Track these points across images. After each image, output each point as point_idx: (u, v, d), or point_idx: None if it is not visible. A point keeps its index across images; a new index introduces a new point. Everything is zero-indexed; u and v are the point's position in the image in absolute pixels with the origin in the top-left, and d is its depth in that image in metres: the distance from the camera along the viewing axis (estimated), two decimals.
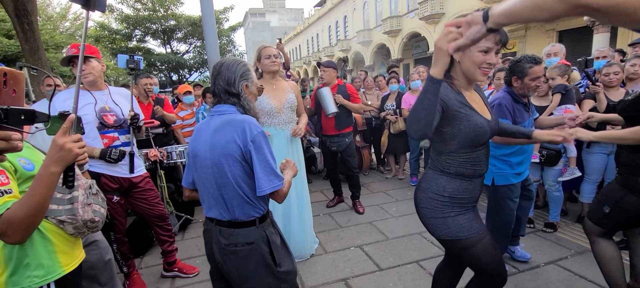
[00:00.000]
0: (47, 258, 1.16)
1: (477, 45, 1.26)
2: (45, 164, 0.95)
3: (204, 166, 1.33)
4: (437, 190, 1.44)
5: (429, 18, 18.32)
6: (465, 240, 1.40)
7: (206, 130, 1.36)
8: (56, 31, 18.25)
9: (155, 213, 2.57)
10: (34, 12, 6.36)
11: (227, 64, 1.38)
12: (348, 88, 3.90)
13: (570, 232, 3.08)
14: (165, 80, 19.21)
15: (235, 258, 1.33)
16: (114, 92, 2.35)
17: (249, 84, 1.42)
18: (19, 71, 0.84)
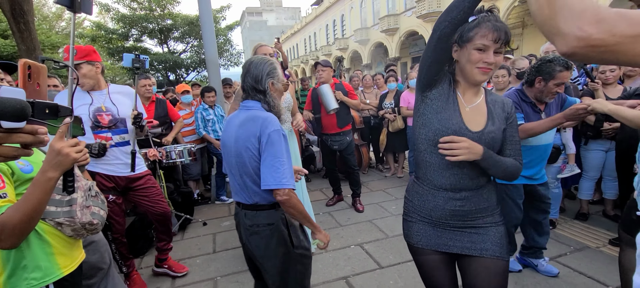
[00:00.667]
0: (45, 260, 1.14)
1: (473, 42, 1.18)
2: (43, 169, 0.94)
3: (230, 155, 1.46)
4: (408, 189, 1.44)
5: (426, 16, 18.34)
6: (410, 246, 1.40)
7: (234, 123, 1.47)
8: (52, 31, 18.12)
9: (158, 210, 2.54)
10: (30, 11, 6.31)
11: (255, 63, 1.47)
12: (345, 86, 3.95)
13: (569, 228, 3.10)
14: (162, 79, 19.12)
15: (258, 238, 1.45)
16: (114, 91, 2.32)
17: (275, 82, 1.50)
18: (42, 65, 0.84)
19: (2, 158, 0.68)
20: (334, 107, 3.53)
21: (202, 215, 4.03)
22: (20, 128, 0.66)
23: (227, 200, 4.48)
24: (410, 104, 4.49)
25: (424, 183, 1.33)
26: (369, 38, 25.87)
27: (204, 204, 4.47)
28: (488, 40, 1.16)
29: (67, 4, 1.20)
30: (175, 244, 3.29)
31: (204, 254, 3.07)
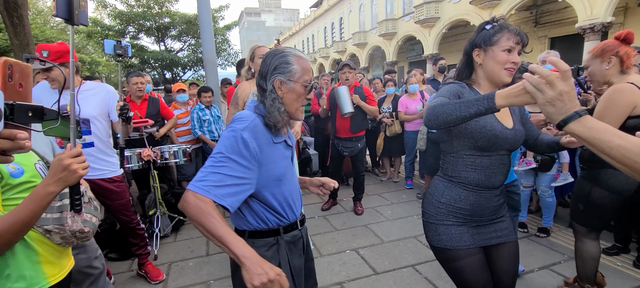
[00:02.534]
0: (31, 269, 1.08)
1: (499, 45, 1.28)
2: (45, 182, 0.91)
3: None
4: (435, 195, 1.42)
5: (424, 22, 18.44)
6: (451, 251, 1.36)
7: None
8: (47, 26, 17.91)
9: (122, 219, 2.49)
10: (24, 5, 6.22)
11: (269, 55, 1.18)
12: (365, 90, 3.84)
13: (563, 237, 3.12)
14: (158, 78, 18.98)
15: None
16: (85, 89, 2.21)
17: (284, 80, 1.14)
18: (26, 64, 0.78)
19: None
20: (349, 110, 3.42)
21: None
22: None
23: None
24: (409, 108, 4.49)
25: (463, 186, 1.36)
26: (366, 41, 25.95)
27: None
28: (513, 42, 1.28)
29: (66, 17, 1.18)
30: (168, 246, 3.25)
31: (196, 257, 3.03)
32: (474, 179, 1.34)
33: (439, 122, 1.16)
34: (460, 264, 1.35)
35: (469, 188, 1.35)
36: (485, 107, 1.04)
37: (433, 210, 1.42)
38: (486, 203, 1.37)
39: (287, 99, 1.16)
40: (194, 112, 4.22)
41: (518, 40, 1.28)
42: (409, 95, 4.56)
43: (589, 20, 11.31)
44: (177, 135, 4.25)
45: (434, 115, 1.17)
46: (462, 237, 1.36)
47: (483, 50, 1.33)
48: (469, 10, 15.96)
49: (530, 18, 15.06)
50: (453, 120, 1.12)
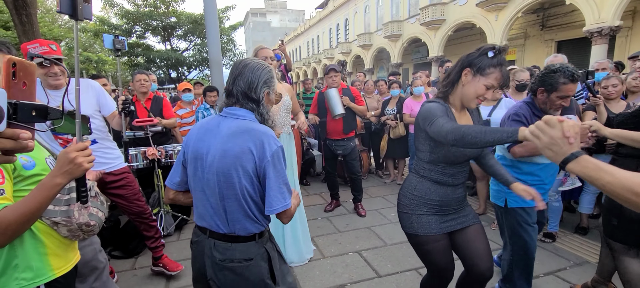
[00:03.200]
0: (37, 260, 1.10)
1: (487, 79, 1.43)
2: (52, 174, 0.93)
3: (208, 171, 1.21)
4: (409, 188, 1.64)
5: (430, 24, 18.39)
6: (421, 237, 1.60)
7: (216, 132, 1.24)
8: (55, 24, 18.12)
9: (134, 210, 2.49)
10: (33, 4, 6.30)
11: (251, 66, 1.26)
12: (352, 91, 3.91)
13: (569, 242, 3.08)
14: (164, 77, 19.12)
15: (231, 275, 1.23)
16: (72, 89, 2.21)
17: (270, 92, 1.30)
18: (30, 62, 0.76)
19: None
20: (340, 112, 3.48)
21: None
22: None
23: None
24: (414, 111, 4.47)
25: (435, 181, 1.59)
26: (371, 43, 25.93)
27: None
28: (497, 83, 1.43)
29: (70, 13, 1.19)
30: (171, 245, 3.26)
31: None
32: (443, 180, 1.58)
33: (464, 143, 1.26)
34: (429, 247, 1.60)
35: (438, 184, 1.59)
36: (508, 137, 1.14)
37: (407, 202, 1.64)
38: (452, 195, 1.60)
39: (269, 108, 1.34)
40: (199, 112, 4.23)
41: (500, 83, 1.44)
42: (414, 97, 4.54)
43: (597, 24, 11.21)
44: (182, 135, 4.26)
45: (460, 135, 1.26)
46: (431, 225, 1.59)
47: (472, 73, 1.46)
48: (475, 13, 15.88)
49: (536, 21, 14.96)
50: (477, 143, 1.22)
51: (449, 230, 1.63)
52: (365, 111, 4.05)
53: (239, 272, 1.23)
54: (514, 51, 16.26)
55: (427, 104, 1.54)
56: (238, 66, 1.28)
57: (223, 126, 1.24)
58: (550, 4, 13.89)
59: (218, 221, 1.23)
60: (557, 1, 13.16)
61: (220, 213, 1.22)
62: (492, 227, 3.41)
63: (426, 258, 1.65)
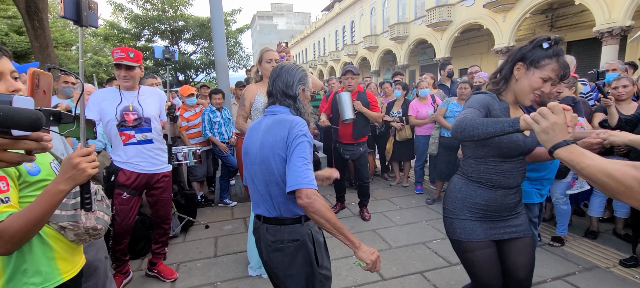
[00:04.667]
0: (46, 265, 1.11)
1: (542, 71, 1.32)
2: (56, 181, 0.93)
3: (254, 163, 1.38)
4: (453, 191, 1.54)
5: (436, 25, 18.29)
6: (464, 243, 1.49)
7: (258, 129, 1.42)
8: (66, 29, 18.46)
9: (162, 214, 2.66)
10: (44, 9, 6.44)
11: (287, 68, 1.44)
12: (368, 95, 3.79)
13: (578, 246, 3.02)
14: (172, 80, 19.34)
15: (281, 255, 1.36)
16: (143, 92, 2.45)
17: (305, 88, 1.46)
18: (48, 72, 0.87)
19: (6, 163, 0.68)
20: (349, 117, 3.42)
21: (205, 217, 4.02)
22: (27, 135, 0.66)
23: (230, 203, 4.47)
24: (419, 113, 4.45)
25: (480, 184, 1.47)
26: (378, 45, 25.88)
27: (207, 206, 4.46)
28: (554, 75, 1.32)
29: (74, 19, 1.22)
30: (177, 246, 3.29)
31: (205, 258, 3.06)
32: (493, 180, 1.44)
33: (464, 136, 1.23)
34: (472, 256, 1.48)
35: (486, 186, 1.45)
36: (510, 127, 1.13)
37: (451, 206, 1.54)
38: (501, 200, 1.46)
39: (305, 103, 1.46)
40: (205, 114, 4.27)
41: (559, 74, 1.32)
42: (419, 99, 4.51)
43: (607, 24, 11.02)
44: (189, 137, 4.31)
45: (461, 128, 1.24)
46: (475, 230, 1.47)
47: (525, 67, 1.36)
48: (482, 14, 15.75)
49: (545, 22, 14.77)
50: (478, 135, 1.20)
51: (497, 238, 1.49)
52: (379, 118, 3.94)
53: (288, 252, 1.35)
54: None
55: (473, 95, 1.47)
56: (275, 70, 1.45)
57: (263, 123, 1.42)
58: (559, 4, 13.70)
59: (268, 206, 1.37)
60: (566, 1, 12.98)
61: (267, 199, 1.37)
62: None
63: (469, 268, 1.53)
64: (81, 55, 1.34)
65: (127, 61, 2.26)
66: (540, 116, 0.97)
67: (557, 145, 0.92)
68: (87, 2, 1.25)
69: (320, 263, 1.40)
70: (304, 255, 1.36)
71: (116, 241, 2.46)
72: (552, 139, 0.94)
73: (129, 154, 2.38)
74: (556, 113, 0.95)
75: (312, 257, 1.37)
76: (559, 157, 0.93)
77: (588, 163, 0.85)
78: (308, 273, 1.37)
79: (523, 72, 1.37)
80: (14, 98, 0.62)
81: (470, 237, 1.47)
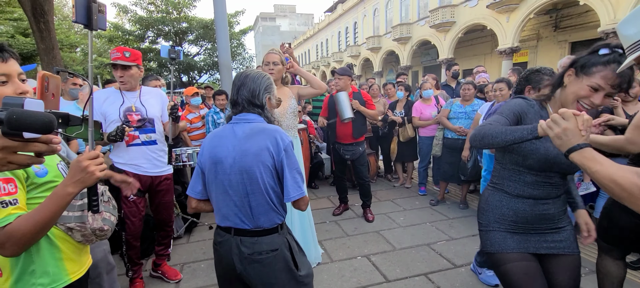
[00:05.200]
0: (54, 265, 1.12)
1: (591, 78, 1.19)
2: (64, 183, 0.94)
3: (230, 173, 1.31)
4: (481, 202, 1.51)
5: (440, 26, 18.25)
6: (496, 255, 1.40)
7: (231, 137, 1.35)
8: (71, 31, 18.64)
9: (164, 216, 2.65)
10: (50, 11, 6.50)
11: (252, 76, 1.42)
12: (363, 95, 3.86)
13: (584, 249, 2.99)
14: (175, 81, 19.44)
15: (260, 267, 1.33)
16: (145, 93, 2.45)
17: (271, 97, 1.46)
18: (56, 75, 0.88)
19: (16, 166, 0.69)
20: (349, 116, 3.45)
21: (209, 218, 4.03)
22: (37, 137, 0.67)
23: None
24: (423, 114, 4.44)
25: (510, 193, 1.40)
26: (381, 46, 25.87)
27: None
28: (606, 84, 1.17)
29: (85, 23, 1.25)
30: (181, 247, 3.30)
31: (208, 259, 3.06)
32: (521, 191, 1.38)
33: (483, 144, 1.21)
34: (506, 268, 1.36)
35: (512, 195, 1.40)
36: (529, 134, 1.11)
37: (482, 218, 1.49)
38: (532, 210, 1.37)
39: (271, 110, 1.48)
40: (209, 115, 4.29)
41: (614, 84, 1.16)
42: (423, 100, 4.50)
43: (612, 24, 10.94)
44: (192, 139, 4.32)
45: (480, 136, 1.22)
46: (506, 241, 1.39)
47: (575, 74, 1.26)
48: (486, 14, 15.70)
49: (549, 22, 14.70)
50: (497, 143, 1.17)
51: (536, 251, 1.38)
52: (376, 115, 4.00)
53: (267, 263, 1.33)
54: (526, 53, 15.99)
55: (513, 98, 1.41)
56: (240, 78, 1.42)
57: (237, 130, 1.36)
58: (563, 4, 13.63)
59: (243, 218, 1.33)
60: (570, 2, 12.91)
61: (245, 210, 1.32)
62: None
63: (506, 282, 1.37)
64: (90, 58, 1.35)
65: (123, 61, 2.23)
66: (553, 122, 1.00)
67: (570, 149, 0.95)
68: (97, 6, 1.27)
69: (299, 267, 1.41)
70: (283, 262, 1.36)
71: (129, 245, 2.45)
72: (565, 143, 0.97)
73: (132, 155, 2.36)
74: (567, 118, 0.97)
75: (291, 263, 1.38)
76: (574, 161, 0.95)
77: (598, 168, 0.88)
78: (288, 279, 1.37)
79: (572, 79, 1.26)
80: (25, 101, 0.62)
81: (502, 249, 1.38)
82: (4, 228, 0.89)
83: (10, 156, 0.66)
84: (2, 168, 0.67)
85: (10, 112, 0.59)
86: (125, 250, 2.45)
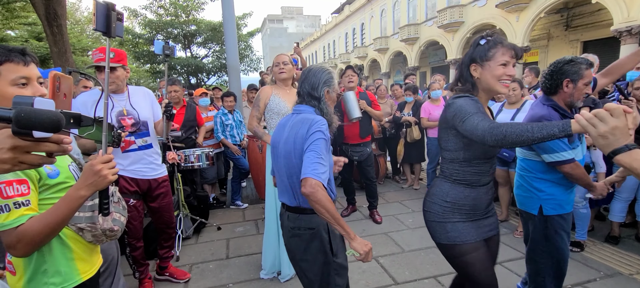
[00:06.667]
0: (65, 265, 1.13)
1: (495, 60, 1.38)
2: (77, 186, 0.95)
3: (279, 156, 1.50)
4: (439, 195, 1.52)
5: (448, 26, 18.09)
6: (460, 246, 1.46)
7: (285, 126, 1.53)
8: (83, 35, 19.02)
9: (165, 219, 2.60)
10: (63, 16, 6.63)
11: (314, 71, 1.55)
12: (369, 95, 3.88)
13: (598, 252, 2.92)
14: (184, 83, 19.66)
15: (298, 241, 1.48)
16: (133, 93, 2.35)
17: (330, 90, 1.56)
18: (68, 76, 0.89)
19: (28, 166, 0.69)
20: (357, 115, 3.43)
21: (217, 219, 4.05)
22: (48, 137, 0.67)
23: (242, 205, 4.49)
24: (432, 115, 4.39)
25: (468, 184, 1.47)
26: (388, 47, 25.76)
27: (219, 208, 4.50)
28: (508, 57, 1.38)
29: (104, 30, 1.27)
30: (190, 248, 3.32)
31: (217, 259, 3.08)
32: (475, 180, 1.47)
33: (507, 143, 1.17)
34: (469, 258, 1.46)
35: (472, 187, 1.47)
36: (561, 132, 1.05)
37: (439, 210, 1.51)
38: (485, 197, 1.50)
39: (330, 104, 1.57)
40: (217, 116, 4.31)
41: (513, 54, 1.39)
42: (431, 101, 4.46)
43: (626, 22, 10.71)
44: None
45: (501, 135, 1.16)
46: (469, 231, 1.47)
47: (480, 65, 1.43)
48: (495, 14, 15.51)
49: (560, 21, 14.45)
50: (522, 141, 1.13)
51: (484, 237, 1.51)
52: (382, 116, 4.00)
53: (304, 238, 1.47)
54: (536, 52, 15.74)
55: (457, 99, 1.42)
56: (304, 72, 1.57)
57: (291, 119, 1.54)
58: (575, 3, 13.39)
59: (289, 196, 1.50)
60: (582, 0, 12.67)
61: (289, 190, 1.49)
62: (515, 234, 3.29)
63: (469, 271, 1.48)
64: (108, 63, 1.38)
65: (103, 63, 2.03)
66: (598, 119, 0.91)
67: (617, 150, 0.88)
68: (116, 15, 1.29)
69: (335, 253, 1.48)
70: (319, 243, 1.46)
71: (132, 247, 2.47)
72: (612, 143, 0.89)
73: (129, 161, 2.29)
74: (616, 116, 0.88)
75: (327, 246, 1.46)
76: (620, 163, 0.89)
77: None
78: (322, 261, 1.46)
79: (480, 71, 1.43)
80: (35, 100, 0.62)
81: (466, 239, 1.46)
82: (16, 229, 0.91)
83: (22, 156, 0.66)
84: (14, 168, 0.68)
85: (18, 110, 0.60)
86: (129, 252, 2.46)
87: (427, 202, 1.57)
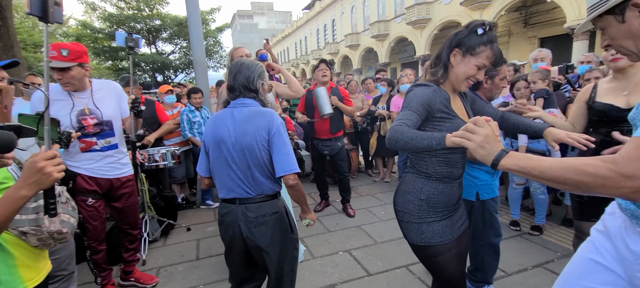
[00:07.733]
0: (7, 273, 1.03)
1: (477, 58, 1.32)
2: (17, 186, 0.86)
3: (233, 150, 1.51)
4: (413, 192, 1.44)
5: (416, 23, 18.58)
6: (436, 247, 1.41)
7: (231, 120, 1.53)
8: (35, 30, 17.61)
9: (130, 220, 2.47)
10: (8, 7, 6.07)
11: (247, 64, 1.59)
12: (341, 90, 3.87)
13: (556, 234, 3.12)
14: (150, 81, 18.78)
15: (265, 228, 1.54)
16: (97, 89, 2.15)
17: (264, 83, 1.63)
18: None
19: None
20: (329, 111, 3.43)
21: (186, 220, 3.90)
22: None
23: (212, 204, 4.36)
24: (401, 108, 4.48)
25: (438, 179, 1.41)
26: (359, 43, 26.05)
27: (189, 209, 4.34)
28: (489, 61, 1.33)
29: (39, 15, 1.15)
30: (157, 251, 3.17)
31: (186, 261, 2.96)
32: (446, 172, 1.41)
33: (398, 147, 1.21)
34: (444, 258, 1.43)
35: (443, 181, 1.42)
36: (437, 144, 1.11)
37: (414, 209, 1.43)
38: (457, 191, 1.47)
39: (265, 95, 1.64)
40: (184, 113, 4.15)
41: (493, 61, 1.35)
42: (400, 94, 4.55)
43: (578, 20, 11.49)
44: (165, 138, 4.16)
45: (394, 140, 1.20)
46: (445, 231, 1.42)
47: (461, 54, 1.35)
48: (460, 12, 16.11)
49: (519, 19, 15.26)
50: (409, 149, 1.18)
51: (459, 233, 1.47)
52: (353, 112, 4.02)
53: (271, 224, 1.55)
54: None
55: (415, 88, 1.40)
56: (236, 66, 1.58)
57: (236, 113, 1.54)
58: (532, 1, 14.19)
59: (247, 188, 1.53)
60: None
61: (249, 181, 1.53)
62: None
63: (441, 270, 1.46)
64: (46, 54, 1.26)
65: (59, 62, 1.88)
66: (470, 133, 0.94)
67: (498, 157, 0.89)
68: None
69: (293, 230, 1.67)
70: (283, 224, 1.60)
71: (93, 250, 2.30)
72: (491, 151, 0.90)
73: (90, 162, 2.14)
74: (482, 125, 0.93)
75: (288, 225, 1.63)
76: (506, 168, 0.88)
77: (549, 164, 0.80)
78: (285, 240, 1.61)
79: (459, 59, 1.36)
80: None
81: (443, 239, 1.40)
82: None
83: None
84: None
85: None
86: (90, 256, 2.30)
87: (400, 200, 1.50)
